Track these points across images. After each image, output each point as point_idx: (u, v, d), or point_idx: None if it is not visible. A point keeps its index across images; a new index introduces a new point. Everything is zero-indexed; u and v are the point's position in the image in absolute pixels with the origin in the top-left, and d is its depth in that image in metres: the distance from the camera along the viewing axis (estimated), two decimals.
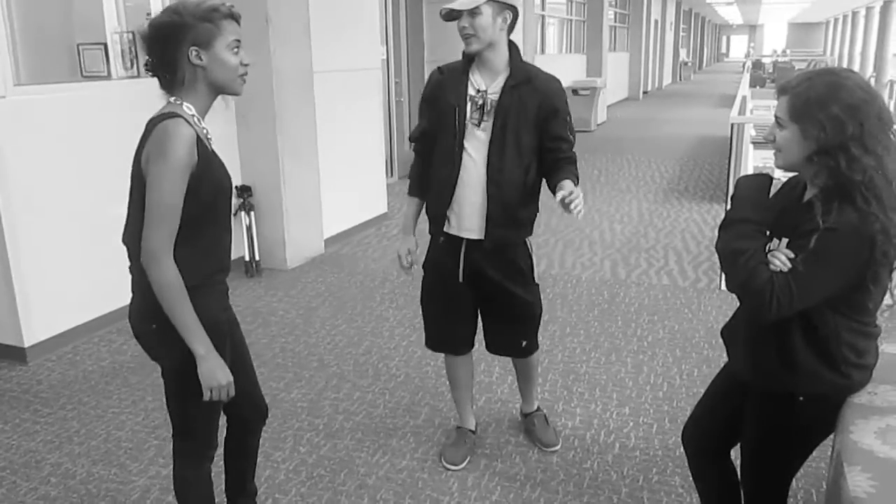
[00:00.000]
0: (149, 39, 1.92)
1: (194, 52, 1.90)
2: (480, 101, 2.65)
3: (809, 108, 1.75)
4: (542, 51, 13.78)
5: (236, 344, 2.21)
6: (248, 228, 5.56)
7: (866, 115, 1.72)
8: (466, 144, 2.68)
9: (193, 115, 1.94)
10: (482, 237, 2.74)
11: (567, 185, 2.53)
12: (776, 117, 1.84)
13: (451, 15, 2.60)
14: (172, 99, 1.95)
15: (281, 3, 5.35)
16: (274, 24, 5.30)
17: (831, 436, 1.95)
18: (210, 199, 1.96)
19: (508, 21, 2.61)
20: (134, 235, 1.93)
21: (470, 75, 2.69)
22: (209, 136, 2.00)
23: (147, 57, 1.94)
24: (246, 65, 1.99)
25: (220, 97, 2.04)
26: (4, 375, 3.92)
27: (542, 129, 2.67)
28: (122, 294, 2.05)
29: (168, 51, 1.90)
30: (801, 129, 1.77)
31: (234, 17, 1.97)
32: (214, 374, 1.94)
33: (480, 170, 2.67)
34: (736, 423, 2.12)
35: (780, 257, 1.78)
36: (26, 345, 4.06)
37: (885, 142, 1.73)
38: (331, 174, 6.11)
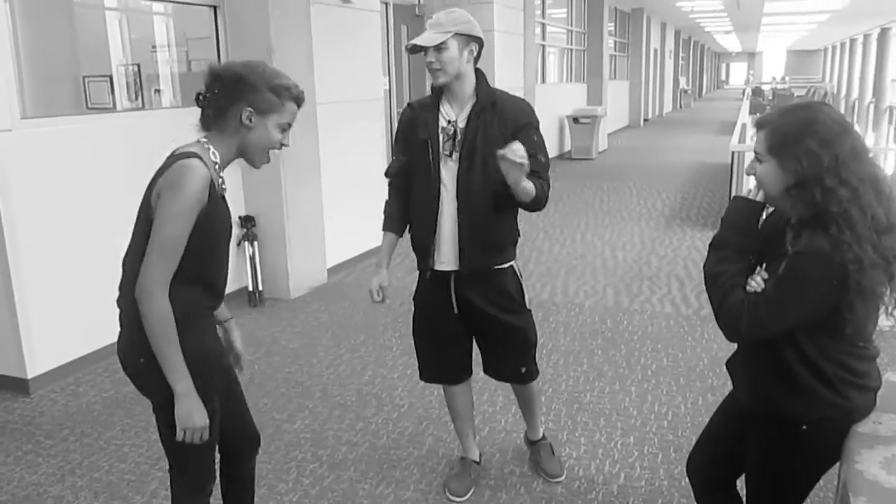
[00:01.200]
0: (217, 78, 1.96)
1: (247, 113, 1.94)
2: (451, 131, 2.66)
3: (786, 142, 1.80)
4: (543, 80, 13.88)
5: (228, 374, 2.23)
6: (252, 258, 5.58)
7: (841, 147, 1.76)
8: (442, 176, 2.68)
9: (216, 164, 1.97)
10: (458, 267, 2.74)
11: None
12: (755, 152, 1.89)
13: (416, 49, 2.60)
14: (204, 139, 1.98)
15: (284, 35, 5.42)
16: (277, 56, 5.36)
17: (837, 465, 1.94)
18: (214, 240, 2.00)
19: (475, 53, 2.63)
20: (134, 262, 1.94)
21: (440, 107, 2.70)
22: (224, 186, 2.03)
23: (205, 91, 1.97)
24: (284, 145, 2.05)
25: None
26: (7, 407, 3.92)
27: None
28: None
29: (225, 98, 1.95)
30: (779, 162, 1.81)
31: (299, 103, 2.03)
32: (191, 415, 1.94)
33: (452, 199, 2.68)
34: (741, 453, 2.11)
35: (757, 279, 1.84)
36: (29, 376, 4.06)
37: (859, 173, 1.77)
38: (334, 204, 6.14)
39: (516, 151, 2.37)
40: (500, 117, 2.63)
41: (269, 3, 5.26)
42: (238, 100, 1.94)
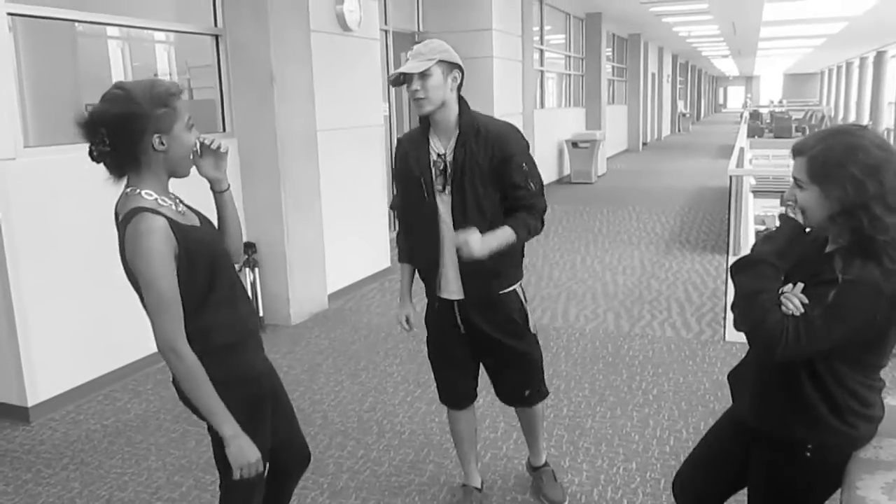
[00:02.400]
0: (95, 127, 1.86)
1: (157, 140, 1.89)
2: (442, 166, 2.67)
3: (829, 169, 1.77)
4: (542, 105, 13.97)
5: (276, 393, 2.25)
6: (253, 285, 5.59)
7: (886, 173, 1.74)
8: (440, 210, 2.70)
9: (155, 199, 1.93)
10: (462, 296, 2.78)
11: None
12: (795, 179, 1.85)
13: (400, 80, 2.60)
14: (129, 190, 1.93)
15: (285, 63, 5.47)
16: (278, 83, 5.41)
17: (838, 491, 1.94)
18: (210, 267, 1.98)
19: (458, 80, 2.62)
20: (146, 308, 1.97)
21: (430, 140, 2.70)
22: (179, 208, 2.00)
23: (97, 146, 1.88)
24: (200, 139, 2.01)
25: None
26: (7, 436, 3.91)
27: (499, 177, 2.64)
28: (125, 352, 2.05)
29: (132, 142, 1.88)
30: (822, 190, 1.79)
31: (181, 94, 1.97)
32: (244, 453, 1.96)
33: (451, 232, 2.69)
34: (736, 475, 2.11)
35: (795, 301, 1.79)
36: (29, 404, 4.05)
37: None
38: (334, 230, 6.17)
39: (465, 247, 2.47)
40: (486, 146, 2.62)
41: (271, 32, 5.33)
42: (142, 136, 1.87)
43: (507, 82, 10.11)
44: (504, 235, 2.62)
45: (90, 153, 1.90)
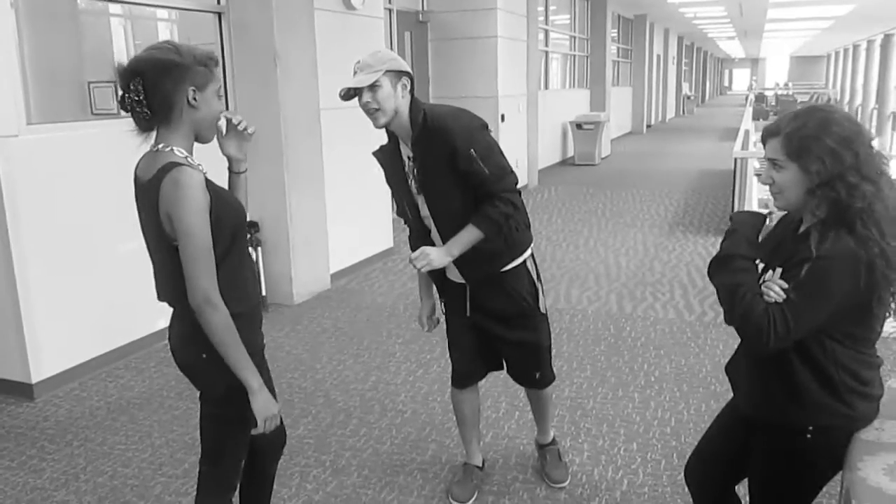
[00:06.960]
0: (135, 75, 1.89)
1: (192, 92, 1.93)
2: (413, 170, 2.70)
3: (806, 144, 1.80)
4: (546, 86, 13.89)
5: (262, 372, 2.25)
6: (256, 264, 5.59)
7: (860, 144, 1.79)
8: (423, 211, 2.76)
9: (186, 157, 1.96)
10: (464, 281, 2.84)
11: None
12: (771, 160, 1.88)
13: (351, 94, 2.59)
14: (160, 146, 1.95)
15: (289, 41, 5.44)
16: (282, 62, 5.38)
17: (840, 473, 1.94)
18: (234, 229, 2.02)
19: (408, 87, 2.61)
20: (167, 284, 2.00)
21: (401, 148, 2.73)
22: (204, 171, 2.02)
23: (129, 94, 1.89)
24: (223, 112, 2.06)
25: None
26: (12, 412, 3.93)
27: (456, 170, 2.60)
28: (129, 329, 2.04)
29: (168, 88, 1.90)
30: (801, 165, 1.81)
31: (218, 64, 2.04)
32: (268, 406, 2.03)
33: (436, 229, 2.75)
34: (742, 460, 2.12)
35: (775, 288, 1.81)
36: (33, 381, 4.07)
37: (878, 168, 1.81)
38: (337, 209, 6.15)
39: (418, 262, 2.57)
40: (434, 143, 2.59)
41: (274, 10, 5.29)
42: (180, 84, 1.91)
43: (512, 62, 10.05)
44: (468, 236, 2.63)
45: (121, 101, 1.94)
